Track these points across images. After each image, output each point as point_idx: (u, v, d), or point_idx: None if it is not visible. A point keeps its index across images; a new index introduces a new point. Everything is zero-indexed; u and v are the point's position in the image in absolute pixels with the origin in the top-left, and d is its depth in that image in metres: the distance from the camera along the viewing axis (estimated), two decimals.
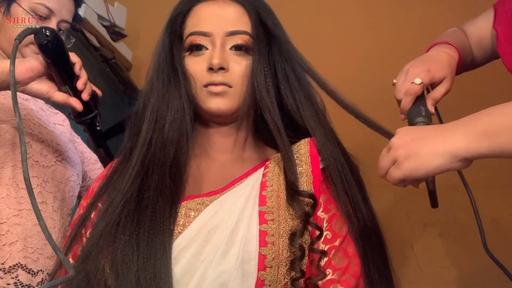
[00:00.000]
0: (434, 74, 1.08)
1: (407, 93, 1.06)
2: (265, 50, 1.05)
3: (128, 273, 0.91)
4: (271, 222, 0.96)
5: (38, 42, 1.06)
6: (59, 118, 1.42)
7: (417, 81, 1.06)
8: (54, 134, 1.33)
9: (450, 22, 1.37)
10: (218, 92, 1.03)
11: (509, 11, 1.16)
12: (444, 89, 1.10)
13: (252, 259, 0.93)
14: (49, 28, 1.08)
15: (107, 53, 2.12)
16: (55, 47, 1.07)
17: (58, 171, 1.31)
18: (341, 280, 0.97)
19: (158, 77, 1.07)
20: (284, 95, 1.06)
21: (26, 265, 1.18)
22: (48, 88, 1.10)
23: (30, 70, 1.07)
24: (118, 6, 2.25)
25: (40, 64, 1.08)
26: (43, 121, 1.32)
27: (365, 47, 2.17)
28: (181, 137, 1.03)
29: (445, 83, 1.10)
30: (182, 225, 0.97)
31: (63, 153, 1.33)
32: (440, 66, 1.10)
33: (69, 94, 1.12)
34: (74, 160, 1.38)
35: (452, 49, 1.15)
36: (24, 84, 1.08)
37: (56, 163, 1.31)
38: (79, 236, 1.04)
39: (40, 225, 0.85)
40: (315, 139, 1.04)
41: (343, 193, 1.01)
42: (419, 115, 1.03)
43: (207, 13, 1.06)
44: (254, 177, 1.03)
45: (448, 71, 1.11)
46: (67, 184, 1.34)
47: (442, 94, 1.10)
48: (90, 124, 1.20)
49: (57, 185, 1.29)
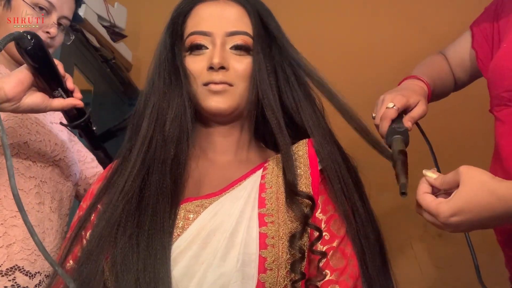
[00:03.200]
0: (408, 99, 1.14)
1: (383, 117, 1.12)
2: (265, 50, 1.05)
3: (128, 273, 0.91)
4: (271, 224, 0.96)
5: (23, 48, 1.01)
6: (56, 116, 1.41)
7: (390, 105, 1.12)
8: (51, 134, 1.31)
9: (450, 21, 1.37)
10: (218, 91, 1.03)
11: (484, 30, 1.24)
12: (421, 109, 1.15)
13: (253, 261, 0.93)
14: (30, 32, 1.03)
15: (107, 53, 2.12)
16: (40, 50, 1.03)
17: (56, 171, 1.30)
18: (339, 280, 0.97)
19: (159, 76, 1.08)
20: (284, 95, 1.06)
21: (23, 267, 1.17)
22: (42, 98, 1.07)
23: (20, 83, 1.03)
24: (118, 6, 2.26)
25: (28, 74, 1.04)
26: (40, 121, 1.30)
27: (365, 47, 2.17)
28: (182, 135, 1.04)
29: (421, 105, 1.15)
30: (181, 227, 0.96)
31: (61, 153, 1.32)
32: (413, 93, 1.17)
33: (62, 97, 1.09)
34: (72, 160, 1.37)
35: (421, 83, 1.23)
36: (18, 100, 1.03)
37: (54, 163, 1.30)
38: (79, 238, 1.04)
39: (34, 241, 0.82)
40: (313, 139, 1.05)
41: (341, 194, 1.01)
42: (395, 133, 1.08)
43: (207, 13, 1.07)
44: (253, 179, 1.03)
45: (421, 97, 1.17)
46: (65, 184, 1.33)
47: (419, 114, 1.16)
48: (85, 126, 1.19)
49: (54, 185, 1.29)
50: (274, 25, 1.09)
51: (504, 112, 1.11)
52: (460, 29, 1.33)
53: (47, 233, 1.24)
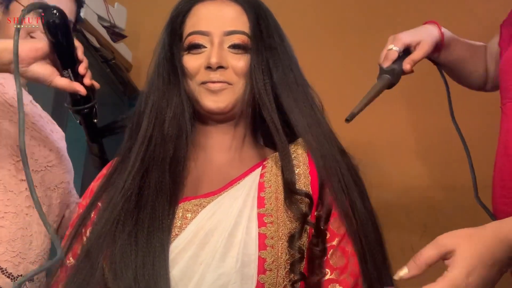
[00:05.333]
0: (410, 40, 1.19)
1: (384, 59, 1.19)
2: (262, 50, 1.06)
3: (126, 270, 0.92)
4: (270, 224, 0.96)
5: (45, 19, 1.03)
6: (56, 128, 1.40)
7: (389, 47, 1.19)
8: (47, 140, 1.31)
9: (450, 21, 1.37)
10: (216, 90, 1.03)
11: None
12: (422, 51, 1.19)
13: (252, 262, 0.93)
14: (57, 7, 1.05)
15: (107, 53, 2.12)
16: (61, 27, 1.05)
17: (47, 176, 1.29)
18: (340, 279, 0.97)
19: (158, 75, 1.08)
20: (282, 94, 1.06)
21: (6, 269, 1.15)
22: (50, 71, 1.07)
23: (34, 49, 1.04)
24: (118, 6, 2.26)
25: (45, 45, 1.05)
26: (38, 126, 1.30)
27: (365, 47, 2.17)
28: (181, 134, 1.04)
29: (423, 46, 1.19)
30: (179, 227, 0.96)
31: (54, 159, 1.32)
32: (418, 34, 1.21)
33: (70, 79, 1.09)
34: (66, 168, 1.36)
35: (435, 28, 1.25)
36: (26, 64, 1.04)
37: (46, 168, 1.29)
38: (79, 235, 1.04)
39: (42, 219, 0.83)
40: (311, 138, 1.04)
41: (340, 192, 1.01)
42: (384, 72, 1.16)
43: (205, 13, 1.07)
44: (251, 178, 1.03)
45: (425, 36, 1.21)
46: (56, 190, 1.32)
47: (419, 56, 1.19)
48: (87, 115, 1.17)
49: (44, 191, 1.27)
50: (272, 24, 1.09)
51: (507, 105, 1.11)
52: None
53: (35, 236, 1.22)
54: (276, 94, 1.05)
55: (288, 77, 1.07)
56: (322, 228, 0.98)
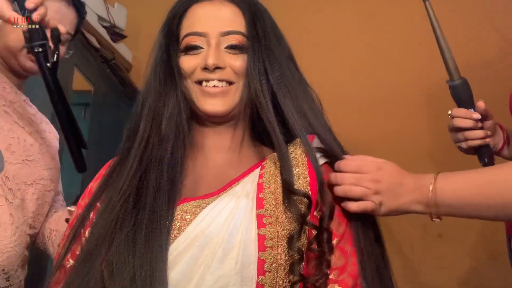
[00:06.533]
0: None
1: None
2: (259, 50, 1.05)
3: (124, 270, 0.91)
4: (269, 226, 0.95)
5: None
6: (51, 129, 1.40)
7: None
8: (32, 135, 1.30)
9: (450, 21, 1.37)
10: (215, 93, 1.03)
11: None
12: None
13: (252, 263, 0.92)
14: None
15: (107, 54, 2.13)
16: None
17: (23, 170, 1.28)
18: (339, 279, 0.96)
19: (155, 76, 1.08)
20: (279, 94, 1.06)
21: None
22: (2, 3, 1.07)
23: None
24: (118, 7, 2.26)
25: None
26: (24, 121, 1.29)
27: (364, 45, 2.17)
28: (178, 135, 1.04)
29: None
30: (178, 228, 0.96)
31: (35, 155, 1.31)
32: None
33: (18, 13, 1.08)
34: (48, 165, 1.35)
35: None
36: None
37: (24, 162, 1.28)
38: (78, 236, 1.04)
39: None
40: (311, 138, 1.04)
41: None
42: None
43: (202, 14, 1.07)
44: (250, 178, 1.02)
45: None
46: (33, 186, 1.31)
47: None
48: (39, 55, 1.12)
49: (17, 184, 1.27)
50: (269, 24, 1.09)
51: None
52: None
53: (4, 227, 1.22)
54: (273, 94, 1.05)
55: (285, 77, 1.07)
56: (326, 227, 0.98)
